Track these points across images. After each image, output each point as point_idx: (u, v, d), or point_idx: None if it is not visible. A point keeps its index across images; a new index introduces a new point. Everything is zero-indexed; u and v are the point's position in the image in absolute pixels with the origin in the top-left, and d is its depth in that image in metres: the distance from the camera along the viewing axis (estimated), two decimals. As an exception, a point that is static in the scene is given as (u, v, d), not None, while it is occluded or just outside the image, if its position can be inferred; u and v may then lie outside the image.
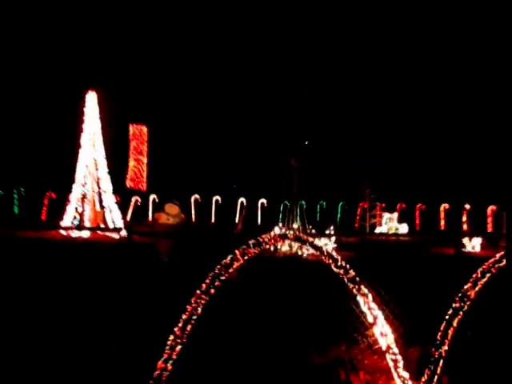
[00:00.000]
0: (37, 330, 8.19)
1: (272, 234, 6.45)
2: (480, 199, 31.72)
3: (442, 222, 34.27)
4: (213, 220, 31.17)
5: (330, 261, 6.15)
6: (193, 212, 29.50)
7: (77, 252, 17.86)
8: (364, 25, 35.28)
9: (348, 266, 6.17)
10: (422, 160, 36.75)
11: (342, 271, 6.12)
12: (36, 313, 9.13)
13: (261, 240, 6.33)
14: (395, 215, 30.91)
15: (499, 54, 35.20)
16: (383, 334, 6.04)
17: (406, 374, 6.14)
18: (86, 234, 23.14)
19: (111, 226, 24.11)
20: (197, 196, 31.03)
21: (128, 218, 27.82)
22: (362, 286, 6.08)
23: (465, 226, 32.96)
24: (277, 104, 35.43)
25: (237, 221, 25.71)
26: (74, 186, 24.49)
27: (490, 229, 31.94)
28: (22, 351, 7.29)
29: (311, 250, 6.36)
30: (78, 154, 24.58)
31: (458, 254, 19.12)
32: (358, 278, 6.12)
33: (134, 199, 29.92)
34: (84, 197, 24.21)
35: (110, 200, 24.80)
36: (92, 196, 24.31)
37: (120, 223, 24.45)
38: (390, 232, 28.43)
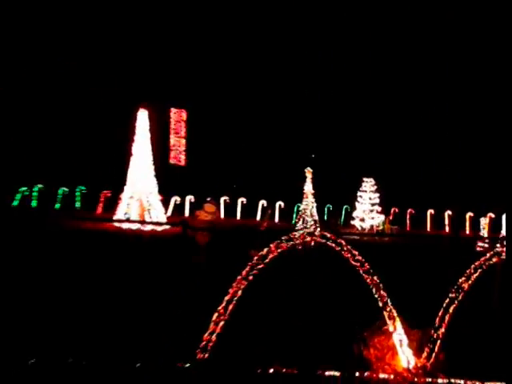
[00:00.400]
0: (101, 309, 8.26)
1: (301, 231, 6.50)
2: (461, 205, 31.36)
3: (428, 226, 33.84)
4: (238, 218, 31.20)
5: (349, 255, 6.20)
6: (222, 211, 29.57)
7: (132, 242, 18.03)
8: (370, 33, 34.33)
9: (363, 259, 6.22)
10: (415, 167, 36.08)
11: (358, 264, 6.17)
12: (102, 294, 9.19)
13: (292, 236, 6.39)
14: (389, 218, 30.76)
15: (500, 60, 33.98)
16: (391, 317, 6.08)
17: (409, 351, 6.17)
18: (134, 226, 23.27)
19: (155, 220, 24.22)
20: (226, 198, 31.19)
21: (169, 214, 27.94)
22: (375, 277, 6.13)
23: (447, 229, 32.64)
24: (293, 111, 34.93)
25: (260, 219, 25.69)
26: (125, 187, 24.73)
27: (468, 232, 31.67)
28: (87, 329, 7.35)
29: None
30: (130, 161, 24.75)
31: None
32: (371, 271, 6.17)
33: (173, 199, 30.04)
34: (133, 196, 24.41)
35: (154, 199, 24.97)
36: (140, 195, 24.48)
37: (163, 219, 24.61)
38: (388, 232, 28.25)
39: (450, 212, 32.60)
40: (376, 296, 6.05)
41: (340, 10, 33.68)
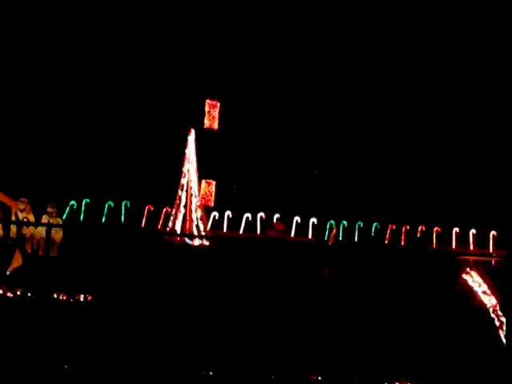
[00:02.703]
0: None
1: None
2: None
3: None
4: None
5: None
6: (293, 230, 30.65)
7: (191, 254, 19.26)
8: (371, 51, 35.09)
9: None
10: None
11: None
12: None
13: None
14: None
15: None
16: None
17: None
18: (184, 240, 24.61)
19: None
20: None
21: (208, 229, 29.35)
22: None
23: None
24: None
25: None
26: (177, 203, 26.21)
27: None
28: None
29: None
30: (180, 180, 26.22)
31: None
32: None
33: (212, 214, 31.26)
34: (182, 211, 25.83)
35: (199, 216, 26.41)
36: (190, 211, 25.90)
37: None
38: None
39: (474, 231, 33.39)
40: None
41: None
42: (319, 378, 7.16)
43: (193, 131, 26.48)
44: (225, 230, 31.51)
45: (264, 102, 34.84)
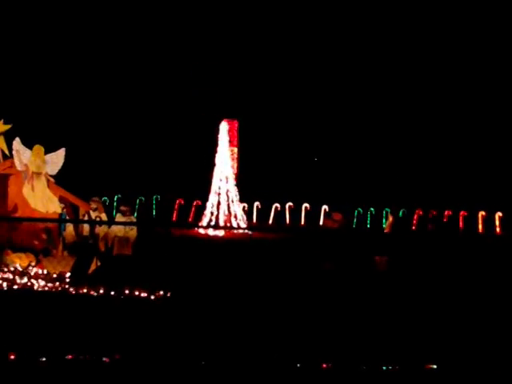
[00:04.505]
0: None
1: None
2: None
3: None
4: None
5: None
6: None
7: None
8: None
9: None
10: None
11: None
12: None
13: None
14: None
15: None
16: None
17: None
18: (220, 232, 24.72)
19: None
20: (293, 203, 32.47)
21: (270, 222, 29.49)
22: None
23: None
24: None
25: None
26: (210, 196, 26.24)
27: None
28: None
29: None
30: (213, 171, 26.26)
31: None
32: None
33: (255, 205, 31.36)
34: (218, 204, 25.91)
35: (236, 207, 26.45)
36: (226, 203, 26.00)
37: (244, 225, 26.07)
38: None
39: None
40: None
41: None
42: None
43: (224, 122, 26.52)
44: (254, 220, 31.61)
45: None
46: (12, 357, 7.01)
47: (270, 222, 32.16)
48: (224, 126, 26.78)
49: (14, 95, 27.08)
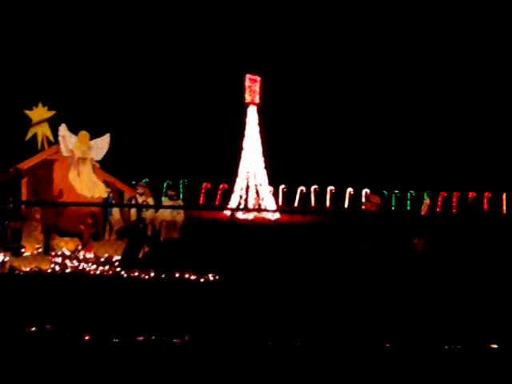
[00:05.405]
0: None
1: None
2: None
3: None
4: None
5: None
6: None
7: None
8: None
9: None
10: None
11: None
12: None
13: None
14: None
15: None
16: None
17: None
18: (250, 216, 24.86)
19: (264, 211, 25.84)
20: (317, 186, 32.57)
21: (296, 204, 29.62)
22: None
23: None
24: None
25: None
26: (237, 179, 26.34)
27: None
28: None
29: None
30: (241, 154, 26.34)
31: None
32: None
33: (299, 189, 31.44)
34: (247, 187, 26.02)
35: (264, 190, 26.54)
36: (254, 186, 26.11)
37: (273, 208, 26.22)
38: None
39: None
40: None
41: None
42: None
43: (252, 105, 26.50)
44: (280, 202, 31.74)
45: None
46: (87, 337, 7.21)
47: (296, 204, 32.31)
48: (252, 109, 26.79)
49: (59, 82, 27.35)
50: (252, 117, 26.80)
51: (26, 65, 28.42)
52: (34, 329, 7.36)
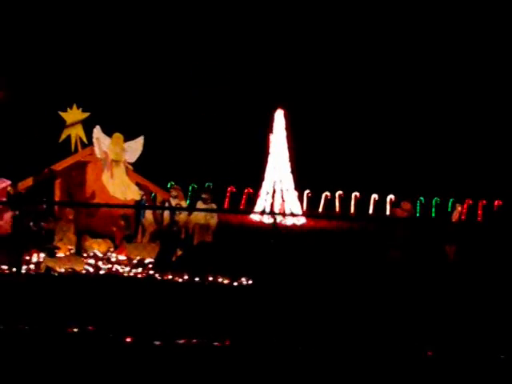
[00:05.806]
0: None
1: None
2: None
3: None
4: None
5: None
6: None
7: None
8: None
9: None
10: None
11: None
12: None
13: None
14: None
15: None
16: None
17: None
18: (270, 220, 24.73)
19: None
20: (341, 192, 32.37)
21: (320, 210, 29.49)
22: None
23: None
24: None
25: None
26: (263, 184, 26.28)
27: None
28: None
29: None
30: (267, 159, 26.29)
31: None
32: None
33: (324, 194, 31.30)
34: (273, 192, 25.93)
35: (291, 195, 26.46)
36: (280, 191, 26.01)
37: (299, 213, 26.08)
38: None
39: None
40: None
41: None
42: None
43: (280, 110, 26.47)
44: (304, 207, 31.55)
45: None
46: (128, 339, 7.22)
47: (320, 210, 32.08)
48: (280, 114, 26.74)
49: (94, 84, 27.58)
50: (279, 121, 26.74)
51: (61, 67, 28.68)
52: (76, 330, 7.37)
